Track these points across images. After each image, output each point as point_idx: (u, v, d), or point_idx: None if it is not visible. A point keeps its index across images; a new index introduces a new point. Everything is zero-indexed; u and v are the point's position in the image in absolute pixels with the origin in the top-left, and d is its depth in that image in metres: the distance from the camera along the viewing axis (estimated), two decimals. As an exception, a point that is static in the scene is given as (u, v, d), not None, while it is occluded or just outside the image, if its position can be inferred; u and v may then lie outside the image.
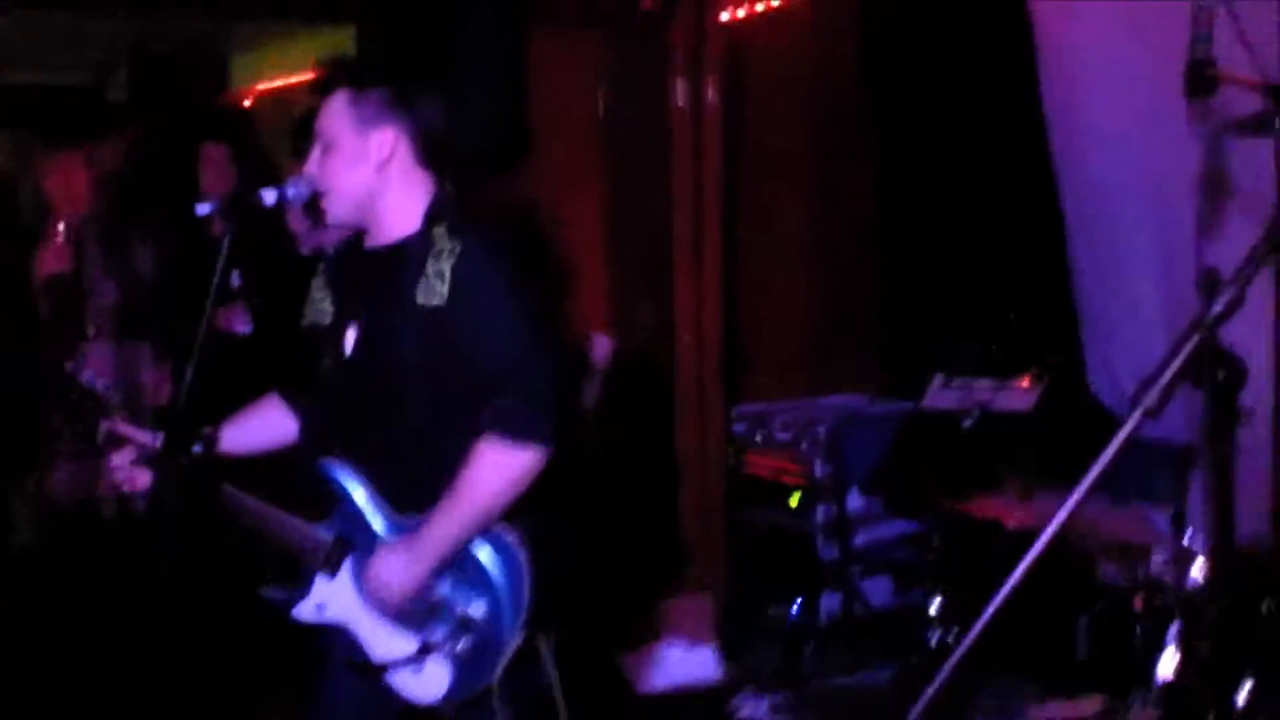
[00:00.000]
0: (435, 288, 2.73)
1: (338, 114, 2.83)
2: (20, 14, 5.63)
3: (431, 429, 2.78)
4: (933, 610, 4.11)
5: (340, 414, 2.91)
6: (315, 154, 2.86)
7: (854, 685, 4.99)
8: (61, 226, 4.87)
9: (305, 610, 2.90)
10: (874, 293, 6.25)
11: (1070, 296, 5.08)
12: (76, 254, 4.92)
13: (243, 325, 5.05)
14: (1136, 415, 1.73)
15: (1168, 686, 2.98)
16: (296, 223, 4.98)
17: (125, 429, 2.99)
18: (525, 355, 2.71)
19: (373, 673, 2.84)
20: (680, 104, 5.31)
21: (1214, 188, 3.90)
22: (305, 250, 4.97)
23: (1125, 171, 4.64)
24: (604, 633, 4.70)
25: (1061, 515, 1.74)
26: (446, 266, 2.73)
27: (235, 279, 5.00)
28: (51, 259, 4.88)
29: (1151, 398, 1.72)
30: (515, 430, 2.68)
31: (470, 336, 2.71)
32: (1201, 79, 3.04)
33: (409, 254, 2.79)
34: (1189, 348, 1.73)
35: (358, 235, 2.94)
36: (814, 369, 6.18)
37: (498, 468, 2.69)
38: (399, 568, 2.75)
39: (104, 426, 3.00)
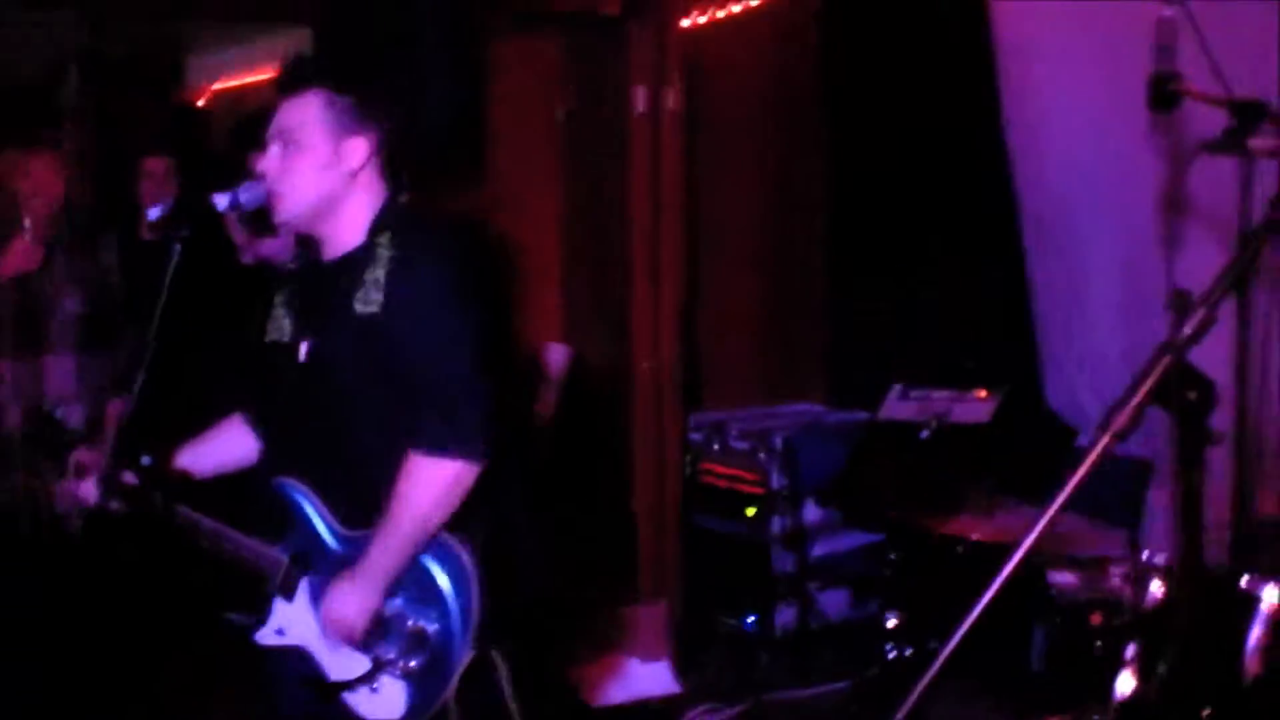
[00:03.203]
0: (371, 296, 2.70)
1: (310, 114, 2.75)
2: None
3: (377, 442, 2.73)
4: (890, 624, 4.08)
5: (294, 430, 2.86)
6: (274, 152, 2.78)
7: (809, 698, 4.95)
8: (28, 223, 4.69)
9: (266, 635, 2.86)
10: (828, 301, 6.25)
11: (1027, 307, 5.07)
12: (45, 255, 4.74)
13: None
14: (1106, 438, 1.70)
15: (1124, 706, 2.95)
16: (236, 233, 4.87)
17: (87, 455, 2.96)
18: (452, 367, 2.67)
19: (330, 693, 2.78)
20: (640, 110, 5.27)
21: (1176, 203, 3.89)
22: (247, 260, 4.87)
23: (1085, 181, 4.64)
24: (558, 645, 4.64)
25: (1031, 538, 1.71)
26: (382, 274, 2.70)
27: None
28: (17, 257, 4.71)
29: (1121, 420, 1.69)
30: (437, 445, 2.65)
31: (401, 346, 2.67)
32: (1164, 93, 3.01)
33: (353, 265, 2.75)
34: (1159, 369, 1.70)
35: (315, 250, 2.88)
36: (768, 376, 6.17)
37: (424, 484, 2.66)
38: (349, 602, 2.71)
39: (72, 460, 2.97)
